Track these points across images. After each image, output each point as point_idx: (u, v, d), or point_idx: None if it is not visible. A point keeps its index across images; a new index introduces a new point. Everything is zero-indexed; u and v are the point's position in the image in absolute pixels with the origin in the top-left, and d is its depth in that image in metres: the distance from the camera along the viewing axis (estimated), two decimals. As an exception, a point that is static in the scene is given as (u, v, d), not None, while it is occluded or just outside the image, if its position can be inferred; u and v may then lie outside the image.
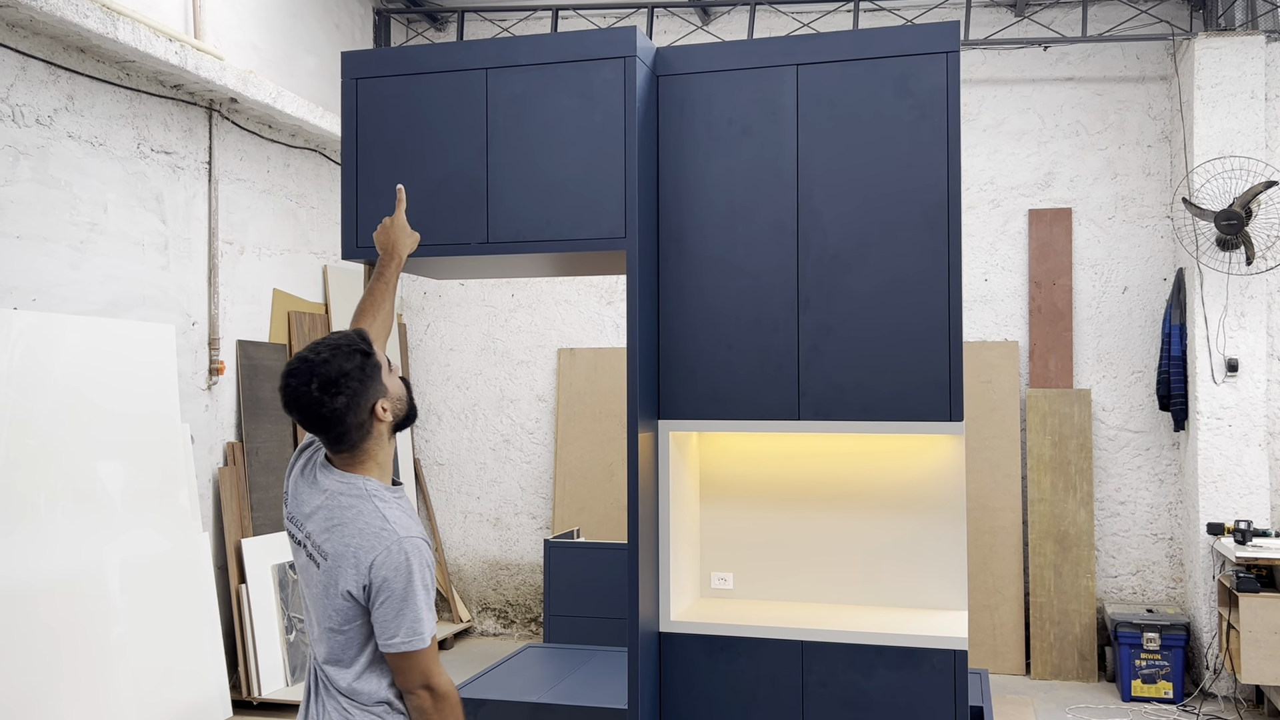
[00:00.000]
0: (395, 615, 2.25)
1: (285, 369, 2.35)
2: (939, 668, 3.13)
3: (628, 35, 3.21)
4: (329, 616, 2.34)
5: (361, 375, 2.32)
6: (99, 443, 5.08)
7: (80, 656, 4.79)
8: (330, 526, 2.33)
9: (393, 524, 2.29)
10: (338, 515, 2.32)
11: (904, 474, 3.54)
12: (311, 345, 2.37)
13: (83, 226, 5.20)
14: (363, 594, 2.28)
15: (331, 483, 2.36)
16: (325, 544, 2.34)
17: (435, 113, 3.34)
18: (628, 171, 3.18)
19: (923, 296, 3.18)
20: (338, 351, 2.32)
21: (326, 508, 2.34)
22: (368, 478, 2.35)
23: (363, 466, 2.37)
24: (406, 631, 2.26)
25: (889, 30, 3.24)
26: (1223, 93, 6.33)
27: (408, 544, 2.27)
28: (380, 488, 2.35)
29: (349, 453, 2.36)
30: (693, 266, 3.36)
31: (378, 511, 2.30)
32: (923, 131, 3.19)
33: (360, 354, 2.35)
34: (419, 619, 2.26)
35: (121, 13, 5.01)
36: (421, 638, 2.27)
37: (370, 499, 2.32)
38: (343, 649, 2.34)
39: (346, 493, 2.33)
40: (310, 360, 2.31)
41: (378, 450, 2.38)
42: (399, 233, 2.93)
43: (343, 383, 2.29)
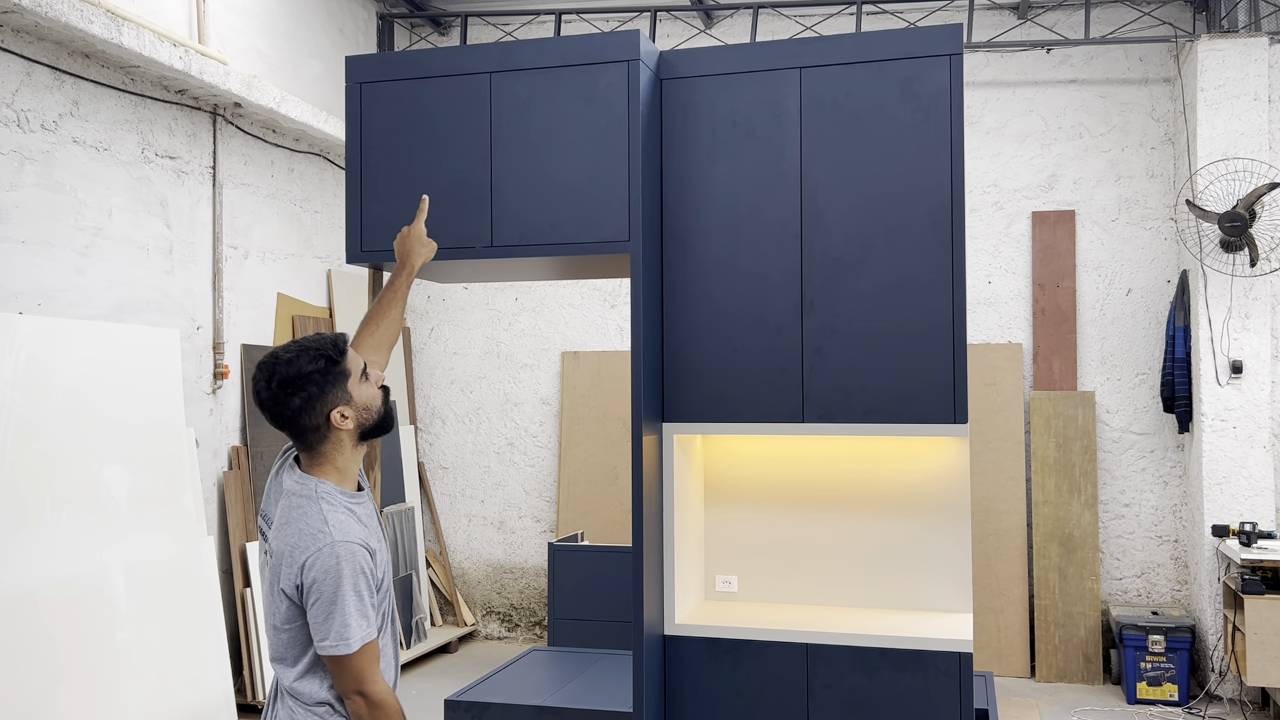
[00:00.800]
0: (325, 618, 2.26)
1: (258, 362, 2.40)
2: (944, 670, 3.12)
3: (631, 39, 3.21)
4: (272, 614, 2.38)
5: (322, 379, 2.34)
6: (103, 447, 5.09)
7: (85, 661, 4.80)
8: (280, 524, 2.37)
9: (331, 527, 2.30)
10: (286, 514, 2.36)
11: (909, 476, 3.54)
12: (288, 343, 2.41)
13: (88, 231, 5.21)
14: (296, 594, 2.30)
15: (290, 482, 2.41)
16: (274, 541, 2.38)
17: (439, 117, 3.35)
18: (631, 175, 3.19)
19: (926, 298, 3.18)
20: (304, 353, 2.36)
21: (283, 507, 2.38)
22: (322, 480, 2.38)
23: (320, 469, 2.40)
24: (335, 636, 2.27)
25: (892, 33, 3.24)
26: (1226, 94, 6.33)
27: (340, 548, 2.27)
28: (332, 490, 2.37)
29: (307, 453, 2.41)
30: (696, 269, 3.37)
31: (320, 514, 2.32)
32: (926, 134, 3.19)
33: (326, 359, 2.36)
34: (346, 624, 2.26)
35: (126, 18, 5.03)
36: (347, 643, 2.26)
37: (318, 500, 2.34)
38: (285, 648, 2.36)
39: (298, 492, 2.37)
40: (277, 358, 2.36)
41: (336, 455, 2.41)
42: (414, 242, 2.95)
43: (299, 384, 2.33)
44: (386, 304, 2.84)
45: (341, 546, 2.28)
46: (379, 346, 2.80)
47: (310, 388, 2.33)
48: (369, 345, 2.78)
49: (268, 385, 2.34)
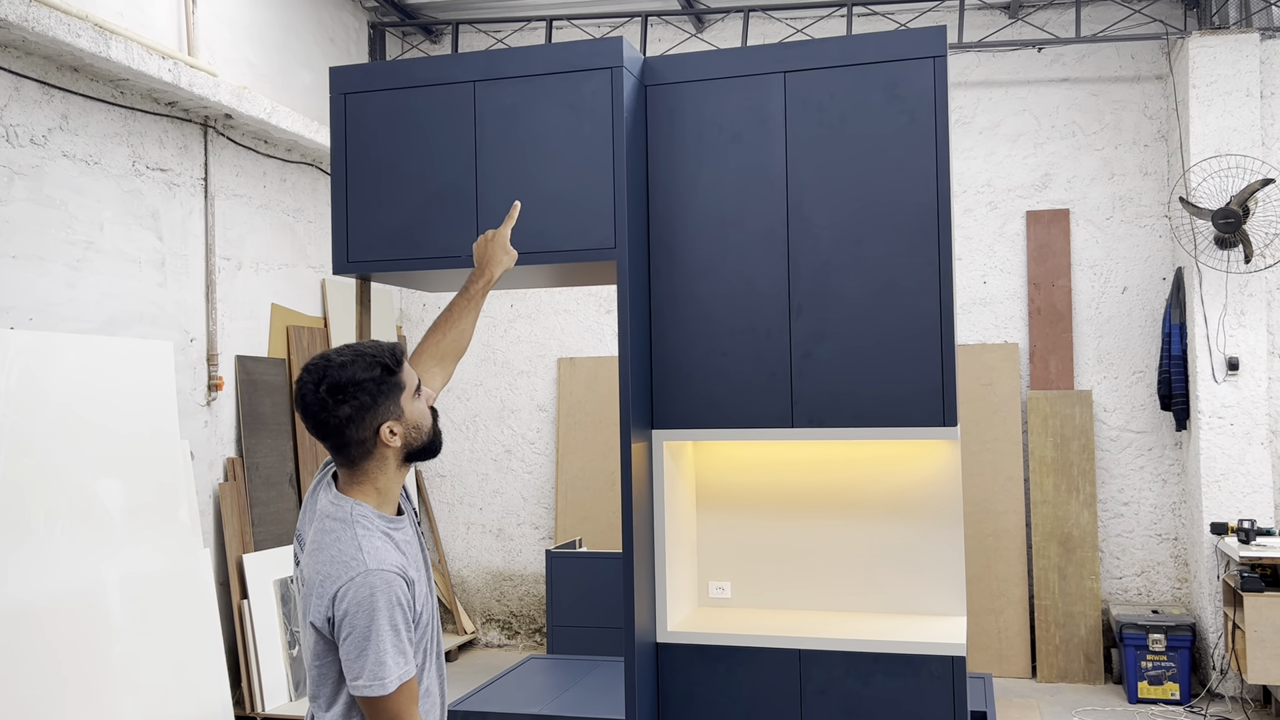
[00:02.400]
0: (358, 655, 2.03)
1: (306, 363, 2.17)
2: (937, 674, 3.11)
3: (614, 46, 3.20)
4: (305, 648, 2.17)
5: (375, 389, 2.14)
6: (98, 460, 5.08)
7: (81, 675, 4.79)
8: (312, 549, 2.16)
9: (365, 554, 2.08)
10: (319, 538, 2.15)
11: (901, 480, 3.53)
12: (341, 346, 2.20)
13: (79, 245, 5.21)
14: (327, 627, 2.09)
15: (324, 503, 2.20)
16: (306, 568, 2.18)
17: (424, 126, 3.34)
18: (616, 182, 3.18)
19: (914, 301, 3.17)
20: (360, 358, 2.15)
21: (315, 530, 2.18)
22: (359, 502, 2.17)
23: (360, 489, 2.19)
24: (369, 675, 2.04)
25: (876, 36, 3.24)
26: (1218, 91, 6.32)
27: (375, 577, 2.05)
28: (369, 514, 2.16)
29: (348, 469, 2.19)
30: (685, 275, 3.36)
31: (355, 539, 2.10)
32: (911, 136, 3.18)
33: (382, 367, 2.16)
34: (381, 662, 2.03)
35: (114, 31, 5.03)
36: (383, 683, 2.03)
37: (353, 525, 2.12)
38: (318, 685, 2.16)
39: (332, 515, 2.16)
40: (329, 360, 2.15)
41: (379, 474, 2.20)
42: (498, 249, 2.75)
43: (352, 391, 2.12)
44: (458, 312, 2.62)
45: (376, 575, 2.05)
46: (444, 357, 2.59)
47: (362, 396, 2.12)
48: (432, 355, 2.57)
49: (315, 389, 2.12)
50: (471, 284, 2.69)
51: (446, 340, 2.59)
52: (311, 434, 2.18)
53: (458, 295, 2.67)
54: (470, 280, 2.70)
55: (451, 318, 2.62)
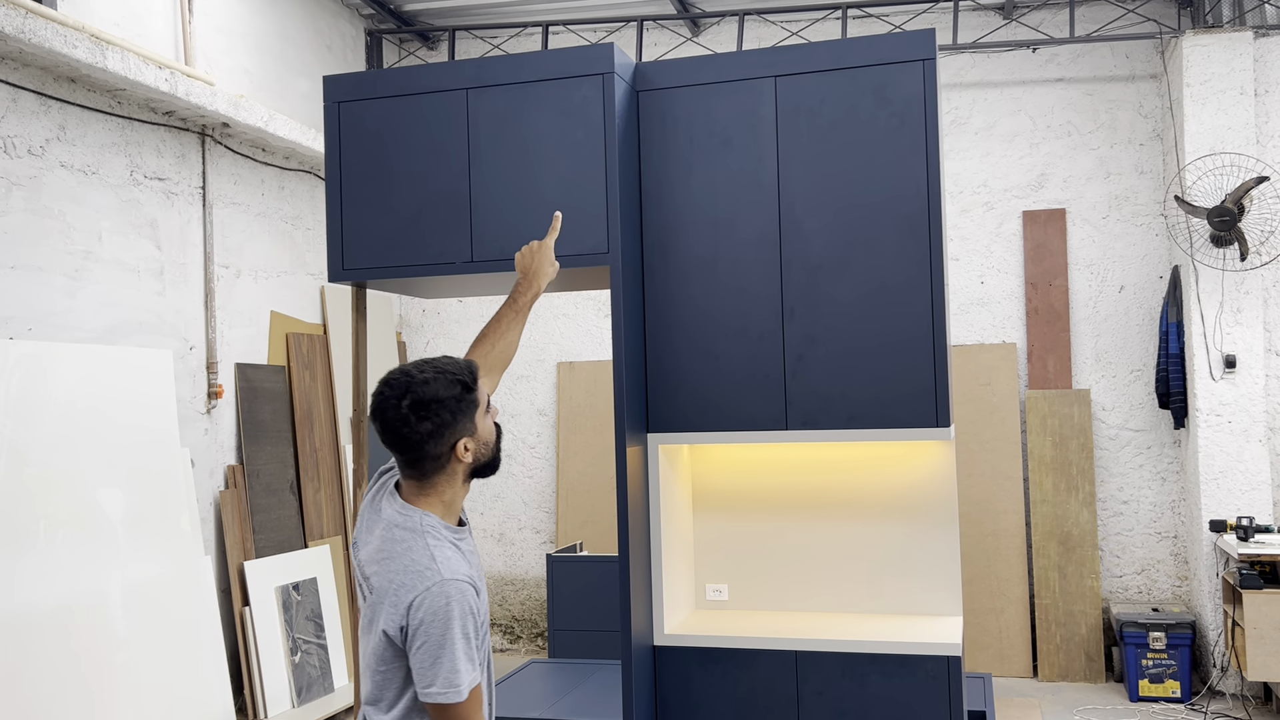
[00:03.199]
0: (432, 663, 2.10)
1: (384, 377, 2.25)
2: (933, 674, 3.12)
3: (605, 52, 3.22)
4: (369, 653, 2.23)
5: (456, 407, 2.21)
6: (98, 470, 5.10)
7: (83, 684, 4.80)
8: (380, 559, 2.22)
9: (439, 564, 2.15)
10: (388, 548, 2.21)
11: (896, 480, 3.54)
12: (418, 361, 2.27)
13: (77, 255, 5.23)
14: (400, 635, 2.15)
15: (391, 513, 2.26)
16: (373, 577, 2.23)
17: (418, 134, 3.36)
18: (609, 187, 3.20)
19: (906, 303, 3.18)
20: (441, 376, 2.23)
21: (381, 538, 2.24)
22: (427, 513, 2.23)
23: (427, 500, 2.25)
24: (442, 682, 2.10)
25: (865, 39, 3.26)
26: (1212, 89, 6.34)
27: (450, 587, 2.12)
28: (438, 524, 2.23)
29: (418, 481, 2.25)
30: (678, 279, 3.37)
31: (427, 549, 2.17)
32: (901, 139, 3.20)
33: (462, 385, 2.24)
34: (455, 669, 2.10)
35: (110, 42, 5.05)
36: (458, 690, 2.10)
37: (423, 535, 2.19)
38: (380, 689, 2.21)
39: (401, 525, 2.22)
40: (410, 376, 2.22)
41: (447, 488, 2.27)
42: (544, 260, 2.77)
43: (434, 408, 2.18)
44: (506, 324, 2.68)
45: (451, 585, 2.12)
46: (492, 369, 2.65)
47: (444, 414, 2.19)
48: (481, 367, 2.58)
49: (398, 404, 2.18)
50: (519, 295, 2.73)
51: (495, 351, 2.66)
52: (387, 445, 2.24)
53: (504, 306, 2.72)
54: (518, 292, 2.75)
55: (500, 329, 2.68)
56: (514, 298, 2.74)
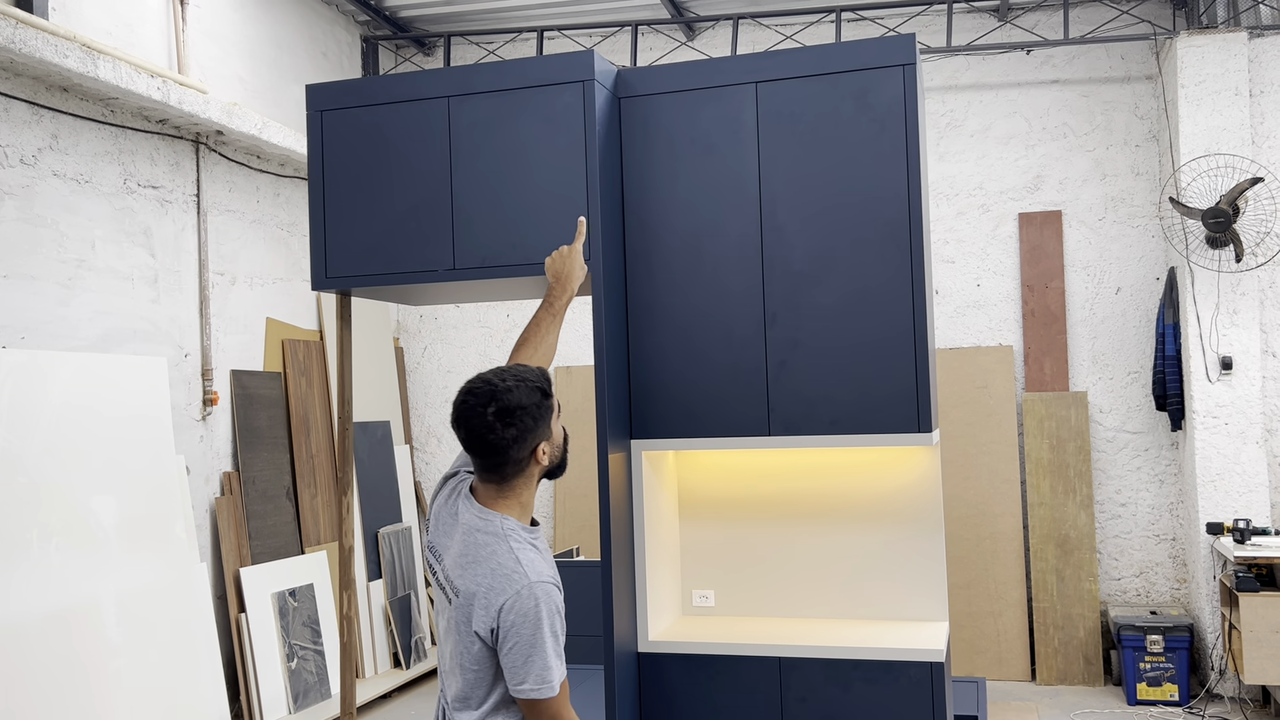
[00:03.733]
0: (524, 661, 2.21)
1: (466, 385, 2.35)
2: (915, 680, 3.12)
3: (585, 59, 3.23)
4: (460, 654, 2.31)
5: (536, 413, 2.32)
6: (92, 477, 5.11)
7: (76, 691, 4.81)
8: (465, 563, 2.31)
9: (525, 567, 2.25)
10: (473, 552, 2.30)
11: (884, 485, 3.53)
12: (497, 370, 2.38)
13: (70, 264, 5.24)
14: (491, 636, 2.25)
15: (470, 517, 2.35)
16: (458, 580, 2.31)
17: (400, 142, 3.37)
18: (590, 194, 3.20)
19: (888, 308, 3.18)
20: (522, 384, 2.33)
21: (463, 543, 2.33)
22: (506, 516, 2.33)
23: (505, 503, 2.35)
24: (535, 679, 2.21)
25: (846, 45, 3.25)
26: (1206, 90, 6.32)
27: (539, 589, 2.23)
28: (517, 527, 2.33)
29: (498, 485, 2.35)
30: (661, 285, 3.37)
31: (511, 552, 2.27)
32: (882, 144, 3.19)
33: (541, 392, 2.35)
34: (548, 666, 2.21)
35: (102, 51, 5.07)
36: (550, 685, 2.21)
37: (506, 538, 2.29)
38: (471, 688, 2.30)
39: (483, 529, 2.32)
40: (494, 385, 2.31)
41: (524, 490, 2.37)
42: (574, 264, 2.92)
43: (519, 415, 2.29)
44: (545, 327, 2.81)
45: (539, 587, 2.23)
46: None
47: (526, 420, 2.30)
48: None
49: (483, 411, 2.28)
50: (555, 299, 2.88)
51: (538, 354, 2.78)
52: (471, 451, 2.34)
53: (541, 310, 2.85)
54: (552, 296, 2.88)
55: (540, 332, 2.80)
56: (549, 301, 2.87)
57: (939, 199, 7.24)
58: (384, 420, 7.66)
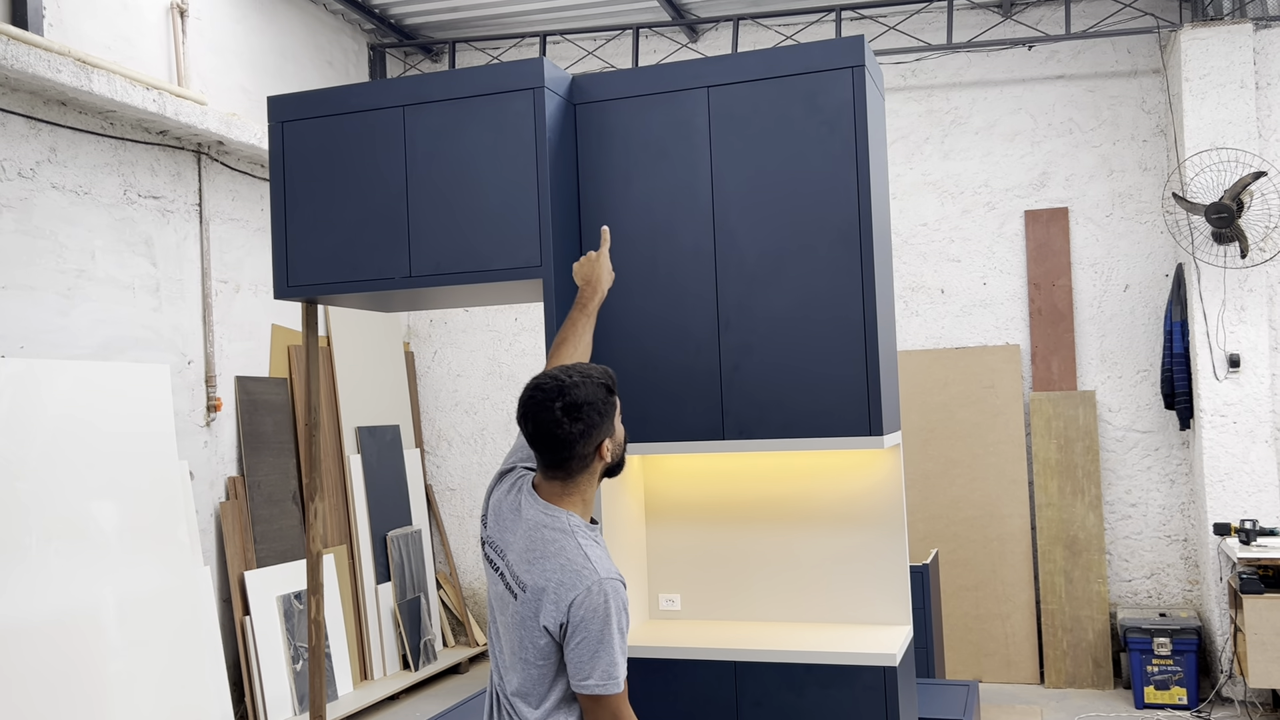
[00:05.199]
0: (591, 657, 2.22)
1: (533, 381, 2.37)
2: (869, 685, 3.10)
3: (535, 67, 3.24)
4: (525, 648, 2.32)
5: (602, 409, 2.35)
6: (93, 483, 5.21)
7: (75, 694, 4.91)
8: (532, 559, 2.32)
9: (594, 563, 2.27)
10: (540, 548, 2.32)
11: (848, 488, 3.52)
12: (564, 367, 2.39)
13: (70, 274, 5.35)
14: (559, 631, 2.26)
15: (535, 513, 2.37)
16: (525, 575, 2.32)
17: (358, 151, 3.41)
18: (541, 200, 3.22)
19: (839, 311, 3.16)
20: (589, 380, 2.36)
21: (528, 538, 2.34)
22: (570, 513, 2.35)
23: (569, 500, 2.37)
24: (601, 674, 2.23)
25: (795, 48, 3.24)
26: (1211, 84, 6.22)
27: (608, 585, 2.25)
28: (582, 524, 2.35)
29: (562, 481, 2.37)
30: (617, 291, 3.38)
31: (580, 549, 2.29)
32: (832, 147, 3.18)
33: (607, 389, 2.38)
34: (614, 662, 2.23)
35: (97, 65, 5.16)
36: (616, 681, 2.23)
37: (573, 535, 2.31)
38: (535, 683, 2.32)
39: (550, 525, 2.33)
40: (562, 381, 2.33)
41: (587, 486, 2.40)
42: (602, 269, 3.01)
43: (586, 410, 2.32)
44: (581, 328, 2.88)
45: (608, 584, 2.25)
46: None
47: (593, 415, 2.33)
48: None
49: (552, 407, 2.30)
50: (587, 302, 2.95)
51: (577, 354, 2.84)
52: (537, 446, 2.36)
53: (575, 312, 2.93)
54: (584, 299, 2.96)
55: (576, 332, 2.88)
56: (582, 304, 2.94)
57: (944, 197, 7.18)
58: (394, 424, 7.74)
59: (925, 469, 7.05)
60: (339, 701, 6.63)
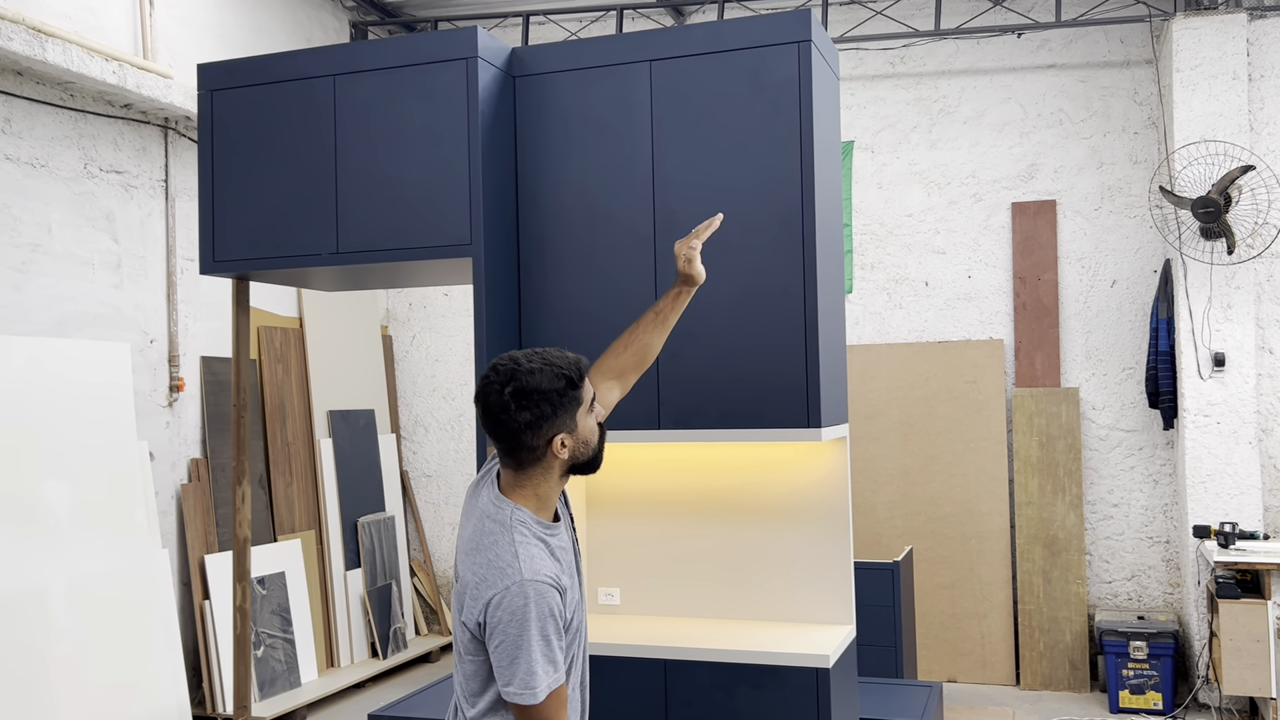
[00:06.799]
0: (510, 662, 2.10)
1: (492, 362, 2.26)
2: (801, 687, 2.97)
3: (469, 36, 3.11)
4: (456, 642, 2.26)
5: (558, 401, 2.20)
6: (43, 462, 5.10)
7: (16, 677, 4.80)
8: (469, 549, 2.23)
9: (521, 562, 2.13)
10: (477, 539, 2.22)
11: (792, 483, 3.39)
12: (530, 351, 2.26)
13: (24, 248, 5.24)
14: (479, 630, 2.16)
15: (485, 502, 2.27)
16: (461, 565, 2.25)
17: (287, 122, 3.28)
18: (471, 176, 3.09)
19: (779, 300, 3.03)
20: (547, 368, 2.21)
21: (475, 528, 2.25)
22: (519, 506, 2.23)
23: (521, 492, 2.25)
24: (519, 683, 2.10)
25: (740, 21, 3.11)
26: (1203, 75, 6.05)
27: (530, 587, 2.10)
28: (529, 519, 2.22)
29: (514, 472, 2.26)
30: (554, 273, 3.25)
31: (511, 546, 2.16)
32: (776, 126, 3.04)
33: (567, 380, 2.22)
34: (531, 672, 2.08)
35: (52, 34, 5.04)
36: (533, 692, 2.09)
37: (510, 530, 2.18)
38: (467, 680, 2.24)
39: (492, 516, 2.23)
40: (519, 365, 2.21)
41: (542, 481, 2.26)
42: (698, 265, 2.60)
43: (536, 399, 2.18)
44: (643, 327, 2.58)
45: (530, 586, 2.11)
46: (623, 372, 2.58)
47: (544, 406, 2.19)
48: (611, 370, 2.58)
49: (500, 390, 2.19)
50: (661, 299, 2.62)
51: (628, 355, 2.59)
52: (486, 430, 2.24)
53: (649, 309, 2.62)
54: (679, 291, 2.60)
55: (636, 332, 2.61)
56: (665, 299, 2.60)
57: (930, 188, 7.03)
58: (368, 409, 7.62)
59: (904, 464, 6.91)
60: (302, 689, 6.53)
